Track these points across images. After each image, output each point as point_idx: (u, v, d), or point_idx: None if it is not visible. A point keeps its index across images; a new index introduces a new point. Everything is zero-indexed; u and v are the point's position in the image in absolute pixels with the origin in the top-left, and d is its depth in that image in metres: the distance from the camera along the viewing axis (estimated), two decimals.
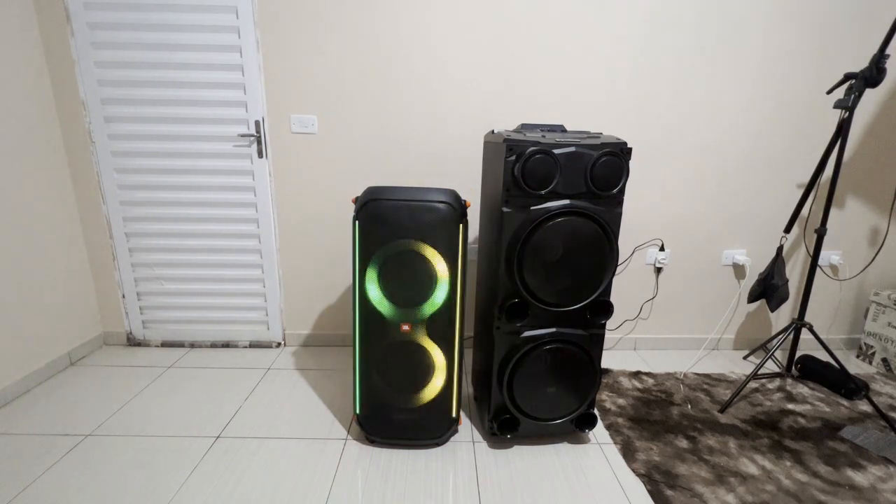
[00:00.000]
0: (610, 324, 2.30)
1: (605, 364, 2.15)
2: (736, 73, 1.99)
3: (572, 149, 1.30)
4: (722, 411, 1.76)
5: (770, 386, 1.97)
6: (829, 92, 1.71)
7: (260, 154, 2.03)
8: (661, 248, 2.20)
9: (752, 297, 2.09)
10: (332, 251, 2.18)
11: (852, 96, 1.60)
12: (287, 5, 1.88)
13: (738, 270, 2.25)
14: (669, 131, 2.06)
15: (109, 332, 2.24)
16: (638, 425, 1.67)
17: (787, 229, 1.98)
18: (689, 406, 1.80)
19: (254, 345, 2.27)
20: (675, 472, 1.43)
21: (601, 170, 1.31)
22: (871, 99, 2.06)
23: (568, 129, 1.75)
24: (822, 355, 2.10)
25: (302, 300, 2.25)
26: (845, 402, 1.85)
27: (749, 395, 1.89)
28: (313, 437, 1.57)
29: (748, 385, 1.96)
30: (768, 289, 2.02)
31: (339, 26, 1.90)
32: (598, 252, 1.37)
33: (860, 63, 2.00)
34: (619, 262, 2.22)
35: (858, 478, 1.42)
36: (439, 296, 1.42)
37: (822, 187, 2.14)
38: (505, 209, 1.33)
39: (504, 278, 1.39)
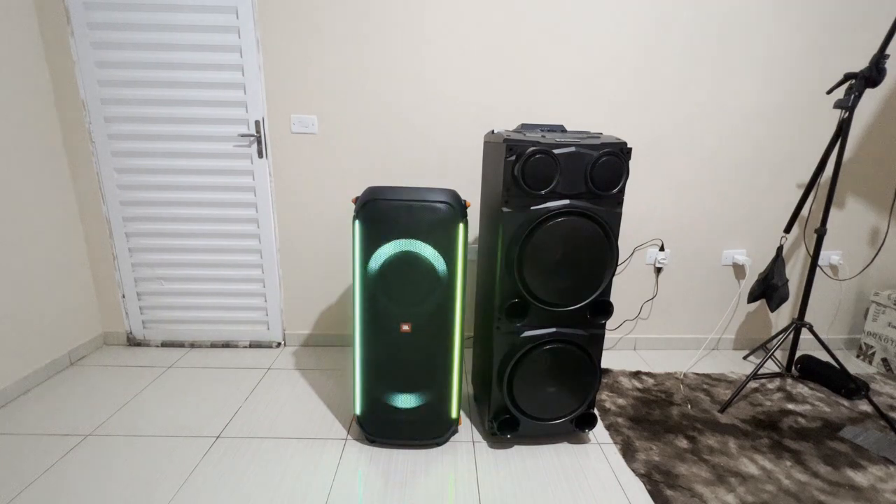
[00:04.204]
0: (610, 324, 2.30)
1: (605, 364, 2.15)
2: (736, 74, 1.99)
3: (572, 149, 1.29)
4: (722, 411, 1.76)
5: (770, 386, 1.97)
6: (829, 92, 1.71)
7: (260, 154, 2.03)
8: (661, 248, 2.20)
9: (752, 297, 2.09)
10: (332, 251, 2.18)
11: (852, 96, 1.60)
12: (287, 5, 1.88)
13: (738, 270, 2.25)
14: (669, 131, 2.06)
15: (109, 332, 2.24)
16: (638, 425, 1.67)
17: (787, 229, 1.98)
18: (689, 406, 1.80)
19: (254, 345, 2.27)
20: (675, 472, 1.43)
21: (601, 170, 1.31)
22: (871, 99, 2.06)
23: (568, 129, 1.75)
24: (822, 355, 2.10)
25: (302, 300, 2.25)
26: (845, 402, 1.85)
27: (749, 395, 1.89)
28: (313, 437, 1.57)
29: (748, 385, 1.96)
30: (768, 289, 2.02)
31: (340, 26, 1.91)
32: (598, 252, 1.37)
33: (860, 63, 2.00)
34: (619, 262, 2.22)
35: (858, 478, 1.42)
36: (439, 296, 1.42)
37: (822, 187, 2.14)
38: (505, 209, 1.33)
39: (504, 278, 1.39)
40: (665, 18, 1.92)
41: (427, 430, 1.52)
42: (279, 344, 2.29)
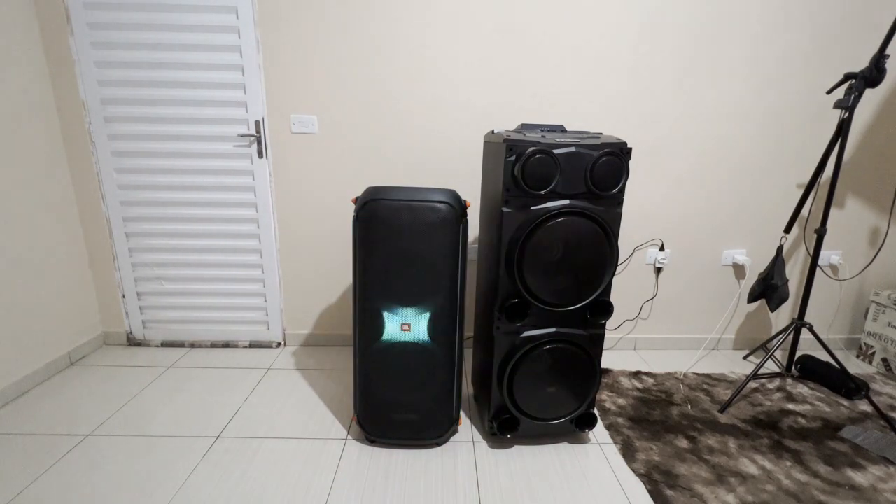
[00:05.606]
0: (610, 324, 2.30)
1: (605, 364, 2.15)
2: (736, 73, 1.99)
3: (572, 149, 1.30)
4: (722, 411, 1.76)
5: (770, 386, 1.97)
6: (829, 92, 1.71)
7: (260, 154, 2.03)
8: (661, 248, 2.20)
9: (752, 297, 2.09)
10: (332, 251, 2.18)
11: (852, 96, 1.60)
12: (287, 6, 1.88)
13: (738, 270, 2.25)
14: (669, 131, 2.06)
15: (109, 332, 2.24)
16: (638, 425, 1.67)
17: (787, 229, 1.98)
18: (689, 406, 1.80)
19: (254, 345, 2.27)
20: (675, 472, 1.43)
21: (601, 170, 1.31)
22: (871, 99, 2.06)
23: (568, 129, 1.75)
24: (822, 355, 2.10)
25: (302, 300, 2.25)
26: (845, 402, 1.85)
27: (749, 395, 1.88)
28: (313, 437, 1.57)
29: (748, 385, 1.96)
30: (768, 289, 2.02)
31: (340, 27, 1.91)
32: (598, 252, 1.37)
33: (860, 63, 2.00)
34: (619, 262, 2.22)
35: (858, 478, 1.42)
36: (439, 296, 1.42)
37: (822, 187, 2.14)
38: (505, 209, 1.33)
39: (504, 278, 1.39)
40: (665, 19, 1.92)
41: (427, 430, 1.52)
42: (279, 344, 2.29)
